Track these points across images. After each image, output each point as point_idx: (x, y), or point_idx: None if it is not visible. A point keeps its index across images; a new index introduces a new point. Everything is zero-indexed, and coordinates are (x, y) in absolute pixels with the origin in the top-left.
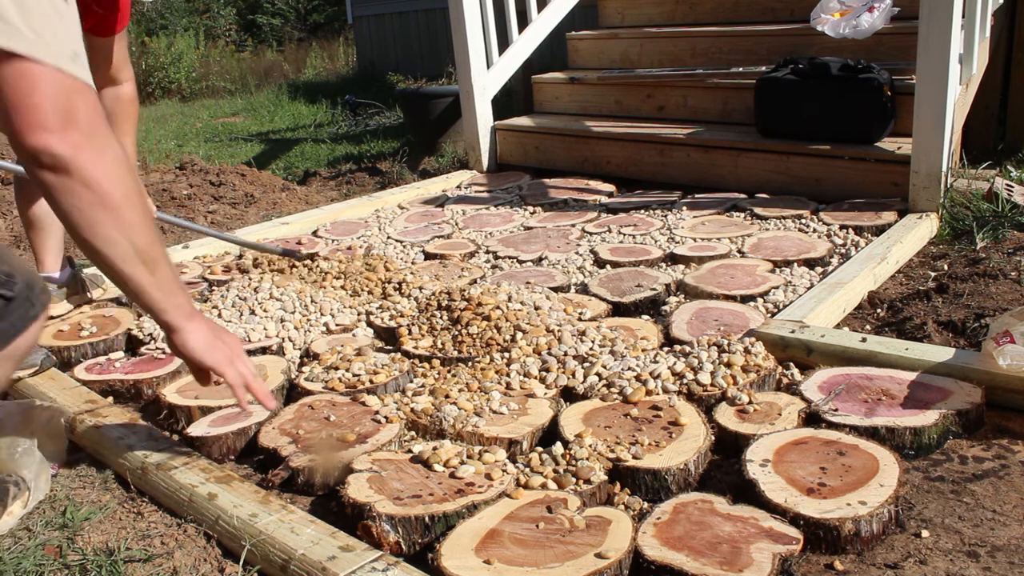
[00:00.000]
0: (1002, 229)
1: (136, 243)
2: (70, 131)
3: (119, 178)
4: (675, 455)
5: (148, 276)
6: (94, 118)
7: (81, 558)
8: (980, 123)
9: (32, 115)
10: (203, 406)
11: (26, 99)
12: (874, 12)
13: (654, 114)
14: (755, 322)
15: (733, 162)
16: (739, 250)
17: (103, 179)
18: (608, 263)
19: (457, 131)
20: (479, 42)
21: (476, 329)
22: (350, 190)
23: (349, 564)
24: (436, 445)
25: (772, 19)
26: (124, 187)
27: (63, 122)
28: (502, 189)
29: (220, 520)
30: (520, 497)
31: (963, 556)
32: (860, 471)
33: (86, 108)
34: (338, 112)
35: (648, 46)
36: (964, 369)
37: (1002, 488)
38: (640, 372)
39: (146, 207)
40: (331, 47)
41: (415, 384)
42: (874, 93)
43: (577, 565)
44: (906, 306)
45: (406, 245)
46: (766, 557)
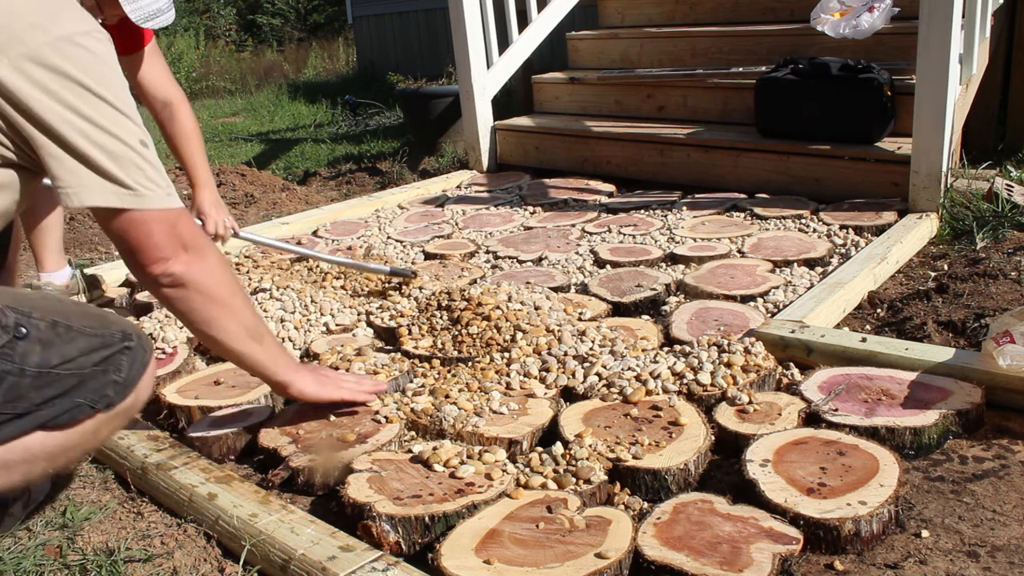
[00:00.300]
0: (1002, 229)
1: (246, 325)
2: (180, 253)
3: (222, 275)
4: (675, 455)
5: (259, 349)
6: (195, 234)
7: (81, 558)
8: (980, 123)
9: (153, 252)
10: (203, 406)
11: (145, 241)
12: (874, 12)
13: (654, 114)
14: (755, 322)
15: (733, 162)
16: (739, 250)
17: (211, 283)
18: (608, 263)
19: (457, 131)
20: (479, 42)
21: (476, 329)
22: (350, 190)
23: (349, 564)
24: (436, 445)
25: (772, 19)
26: (227, 282)
27: (174, 248)
28: (502, 189)
29: (220, 520)
30: (520, 497)
31: (963, 556)
32: (860, 471)
33: (187, 228)
34: (338, 112)
35: (648, 46)
36: (964, 369)
37: (1002, 488)
38: (640, 372)
39: (246, 293)
40: (331, 47)
41: (415, 384)
42: (874, 93)
43: (577, 565)
44: (906, 306)
45: (406, 245)
46: (766, 557)
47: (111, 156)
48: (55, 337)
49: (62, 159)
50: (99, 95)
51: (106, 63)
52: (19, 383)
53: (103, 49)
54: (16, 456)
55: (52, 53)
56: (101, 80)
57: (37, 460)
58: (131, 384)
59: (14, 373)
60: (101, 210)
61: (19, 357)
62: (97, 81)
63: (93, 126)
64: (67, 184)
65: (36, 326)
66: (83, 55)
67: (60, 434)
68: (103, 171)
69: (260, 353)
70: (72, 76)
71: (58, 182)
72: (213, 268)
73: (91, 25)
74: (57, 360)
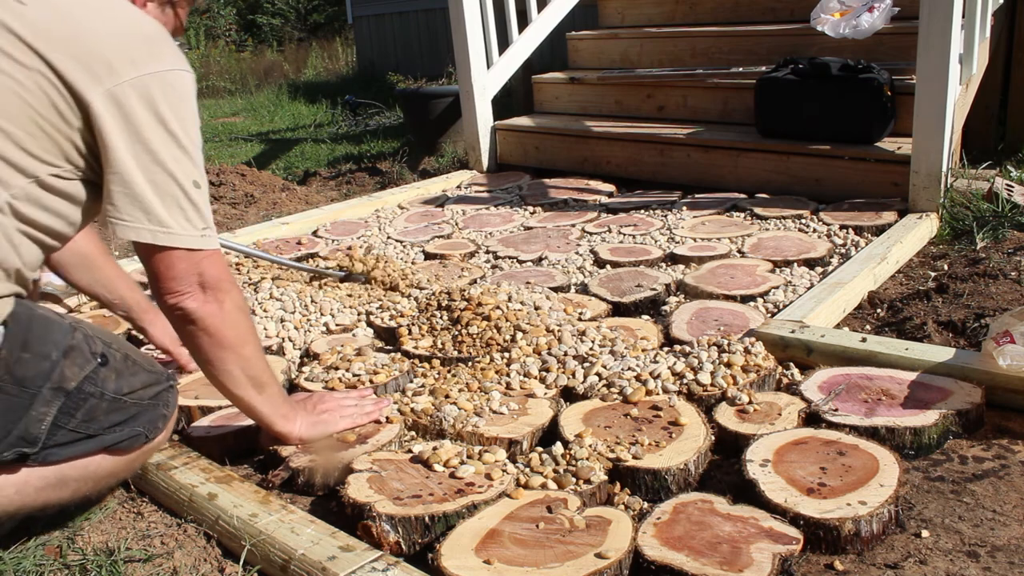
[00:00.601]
0: (1002, 229)
1: (249, 373)
2: (196, 293)
3: (235, 323)
4: (675, 455)
5: (257, 396)
6: (218, 277)
7: (81, 558)
8: (980, 123)
9: (170, 284)
10: (203, 406)
11: (165, 272)
12: (874, 12)
13: (654, 114)
14: (755, 322)
15: (733, 162)
16: (739, 250)
17: (221, 327)
18: (608, 263)
19: (457, 131)
20: (479, 42)
21: (476, 329)
22: (350, 190)
23: (349, 564)
24: (436, 445)
25: (772, 19)
26: (238, 330)
27: (192, 285)
28: (502, 189)
29: (220, 520)
30: (520, 497)
31: (963, 556)
32: (860, 471)
33: (211, 271)
34: (338, 112)
35: (648, 46)
36: (964, 369)
37: (1002, 488)
38: (640, 372)
39: (258, 341)
40: (331, 47)
41: (415, 384)
42: (874, 93)
43: (577, 565)
44: (906, 306)
45: (406, 245)
46: (766, 557)
47: (160, 194)
48: (125, 368)
49: (121, 187)
50: (172, 132)
51: (187, 101)
52: (98, 406)
53: (188, 87)
54: (74, 474)
55: (142, 88)
56: (179, 117)
57: (88, 481)
58: (170, 419)
59: (96, 396)
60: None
61: (100, 382)
62: (175, 118)
63: (155, 162)
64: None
65: (114, 356)
66: (170, 93)
67: (112, 459)
68: (148, 207)
69: (259, 402)
70: (156, 112)
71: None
72: (227, 314)
73: (182, 63)
74: (127, 389)
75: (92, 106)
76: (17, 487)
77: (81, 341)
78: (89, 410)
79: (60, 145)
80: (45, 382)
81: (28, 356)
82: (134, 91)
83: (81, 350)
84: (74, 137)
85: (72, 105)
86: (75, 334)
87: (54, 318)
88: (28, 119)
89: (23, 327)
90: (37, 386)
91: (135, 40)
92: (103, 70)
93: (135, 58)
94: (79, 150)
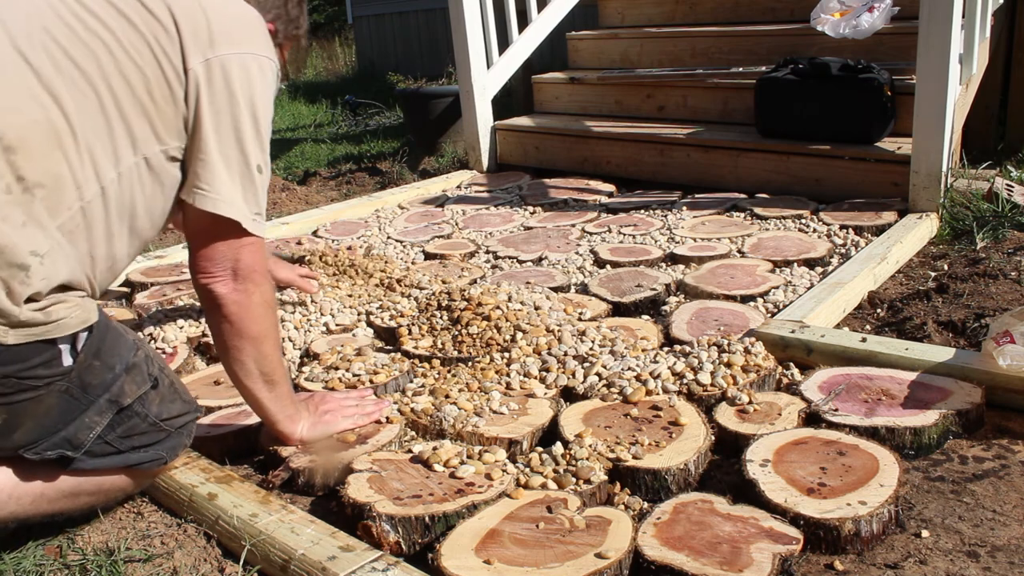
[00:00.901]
0: (1002, 229)
1: (262, 368)
2: (228, 279)
3: (259, 317)
4: (675, 455)
5: (266, 393)
6: (253, 267)
7: (81, 558)
8: (980, 123)
9: (204, 264)
10: (203, 406)
11: (205, 252)
12: (874, 12)
13: (654, 114)
14: (755, 322)
15: (733, 162)
16: (739, 250)
17: (244, 317)
18: (608, 263)
19: (457, 131)
20: (479, 42)
21: (476, 329)
22: (350, 190)
23: (349, 564)
24: (436, 445)
25: (772, 19)
26: (261, 324)
27: (224, 271)
28: (502, 189)
29: (220, 520)
30: (520, 497)
31: (963, 556)
32: (860, 471)
33: (248, 259)
34: (338, 112)
35: (648, 46)
36: (964, 369)
37: (1002, 488)
38: (640, 372)
39: (278, 339)
40: (331, 47)
41: (415, 384)
42: (874, 93)
43: (577, 565)
44: (906, 306)
45: (406, 245)
46: (766, 557)
47: (229, 165)
48: (168, 395)
49: (198, 153)
50: (254, 113)
51: (271, 89)
52: (138, 426)
53: (273, 78)
54: (89, 487)
55: (239, 63)
56: (263, 101)
57: (100, 495)
58: (185, 446)
59: (140, 416)
60: (198, 209)
61: (147, 404)
62: (260, 101)
63: (233, 136)
64: (205, 187)
65: (163, 381)
66: (260, 76)
67: (128, 478)
68: (215, 175)
69: (267, 399)
70: (245, 89)
71: (198, 181)
72: (254, 306)
73: (274, 56)
74: (166, 415)
75: (192, 72)
76: (32, 497)
77: (142, 361)
78: (130, 428)
79: (167, 119)
80: (105, 392)
81: (98, 364)
82: (231, 64)
83: (140, 369)
84: (179, 105)
85: (179, 73)
86: (138, 352)
87: (123, 332)
88: (143, 89)
89: (100, 335)
90: (97, 395)
91: (239, 22)
92: (206, 40)
93: (236, 37)
94: (181, 123)
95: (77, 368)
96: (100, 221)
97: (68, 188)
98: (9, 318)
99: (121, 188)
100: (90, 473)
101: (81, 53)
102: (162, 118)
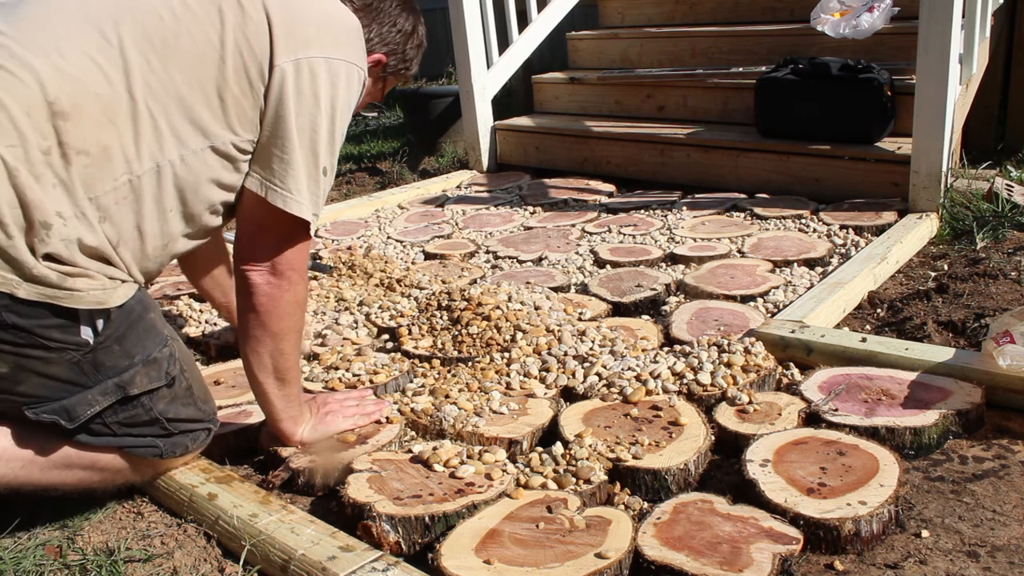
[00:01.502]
0: (1002, 229)
1: (276, 364)
2: (267, 271)
3: (286, 314)
4: (675, 455)
5: (276, 390)
6: (294, 265)
7: (81, 558)
8: (980, 123)
9: (250, 252)
10: None
11: (253, 241)
12: (874, 12)
13: (654, 114)
14: (755, 322)
15: (733, 162)
16: (739, 250)
17: (272, 310)
18: (608, 263)
19: (457, 131)
20: (479, 42)
21: (476, 329)
22: (350, 190)
23: (349, 564)
24: (436, 445)
25: (772, 19)
26: (286, 322)
27: (266, 263)
28: (502, 189)
29: (220, 520)
30: (520, 497)
31: (963, 556)
32: (860, 471)
33: (292, 256)
34: None
35: (648, 46)
36: (964, 369)
37: (1002, 488)
38: (640, 372)
39: (299, 340)
40: None
41: (415, 384)
42: (874, 93)
43: (577, 565)
44: (906, 306)
45: (406, 245)
46: (766, 557)
47: (301, 162)
48: (182, 398)
49: (276, 149)
50: (333, 116)
51: (354, 97)
52: (139, 416)
53: (358, 86)
54: (82, 462)
55: (328, 67)
56: (344, 106)
57: (95, 470)
58: (191, 452)
59: (144, 408)
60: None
61: (155, 400)
62: (341, 106)
63: (311, 136)
64: (279, 183)
65: (181, 383)
66: (345, 83)
67: (121, 460)
68: (286, 170)
69: (275, 396)
70: (330, 92)
71: (273, 176)
72: (284, 303)
73: (364, 64)
74: (171, 416)
75: (279, 69)
76: (23, 462)
77: (165, 358)
78: (131, 417)
79: (242, 112)
80: (115, 376)
81: (118, 349)
82: (320, 68)
83: (159, 366)
84: (258, 99)
85: (265, 68)
86: (163, 349)
87: (158, 327)
88: (221, 79)
89: (128, 323)
90: (107, 376)
91: (337, 28)
92: (300, 41)
93: (329, 40)
94: (257, 117)
95: (95, 347)
96: (151, 197)
97: (116, 160)
98: (23, 270)
99: (183, 170)
100: (83, 448)
101: (163, 38)
102: (237, 110)
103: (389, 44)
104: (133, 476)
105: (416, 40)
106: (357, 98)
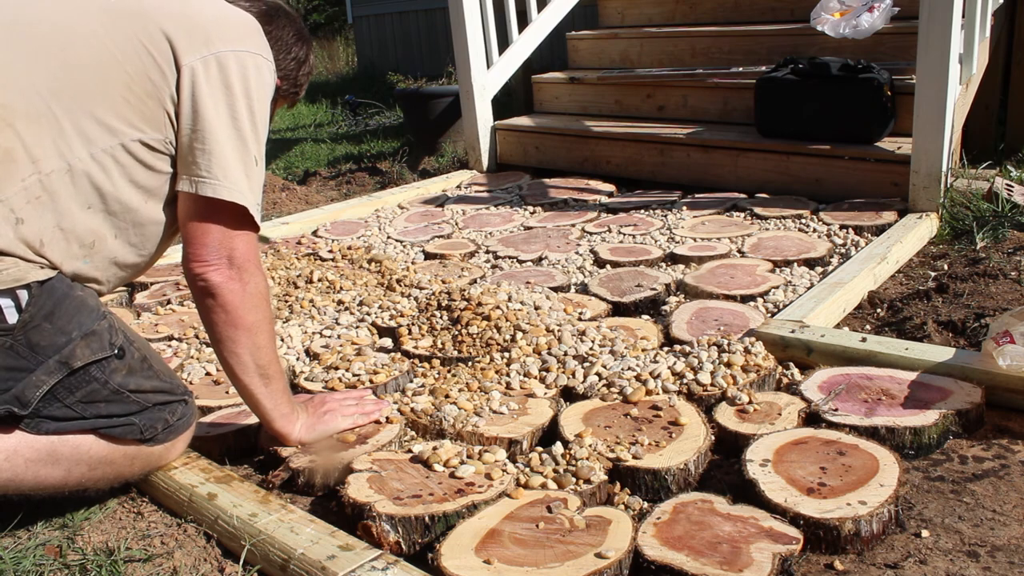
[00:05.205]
0: (1002, 229)
1: (257, 360)
2: (223, 267)
3: (254, 306)
4: (675, 455)
5: (262, 388)
6: (247, 257)
7: (81, 558)
8: (980, 123)
9: (200, 251)
10: (203, 406)
11: (200, 239)
12: (874, 12)
13: (654, 114)
14: (755, 322)
15: (733, 162)
16: (739, 250)
17: (239, 306)
18: (608, 263)
19: (457, 131)
20: (479, 42)
21: (476, 329)
22: (350, 190)
23: (349, 563)
24: (436, 445)
25: (772, 19)
26: (256, 315)
27: (219, 259)
28: (502, 189)
29: (220, 520)
30: (520, 497)
31: (963, 556)
32: (860, 471)
33: (243, 248)
34: (338, 112)
35: (648, 46)
36: (964, 369)
37: (1002, 488)
38: (640, 372)
39: (273, 332)
40: (331, 47)
41: (415, 384)
42: (874, 93)
43: (577, 565)
44: (906, 306)
45: (406, 245)
46: (766, 557)
47: (233, 151)
48: (140, 369)
49: (200, 143)
50: (251, 107)
51: (267, 89)
52: (99, 392)
53: (270, 79)
54: (66, 450)
55: (236, 59)
56: (259, 97)
57: (82, 462)
58: (176, 431)
59: (99, 382)
60: (198, 197)
61: (109, 372)
62: (256, 97)
63: (234, 125)
64: (188, 168)
65: (132, 354)
66: (256, 74)
67: (107, 445)
68: (219, 162)
69: (263, 394)
70: (243, 83)
71: (199, 169)
72: (249, 295)
73: (269, 55)
74: (132, 387)
75: (186, 68)
76: (7, 454)
77: (104, 330)
78: (90, 393)
79: (147, 112)
80: (54, 354)
81: (49, 327)
82: (228, 59)
83: (101, 337)
84: (163, 101)
85: (168, 70)
86: (101, 322)
87: (90, 304)
88: (122, 83)
89: (54, 300)
90: (47, 356)
91: (234, 24)
92: (202, 40)
93: (232, 36)
94: (165, 116)
95: (23, 327)
96: (67, 196)
97: (20, 161)
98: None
99: (96, 168)
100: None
101: (60, 45)
102: (142, 108)
103: (283, 70)
104: (125, 469)
105: (307, 68)
106: (271, 90)
